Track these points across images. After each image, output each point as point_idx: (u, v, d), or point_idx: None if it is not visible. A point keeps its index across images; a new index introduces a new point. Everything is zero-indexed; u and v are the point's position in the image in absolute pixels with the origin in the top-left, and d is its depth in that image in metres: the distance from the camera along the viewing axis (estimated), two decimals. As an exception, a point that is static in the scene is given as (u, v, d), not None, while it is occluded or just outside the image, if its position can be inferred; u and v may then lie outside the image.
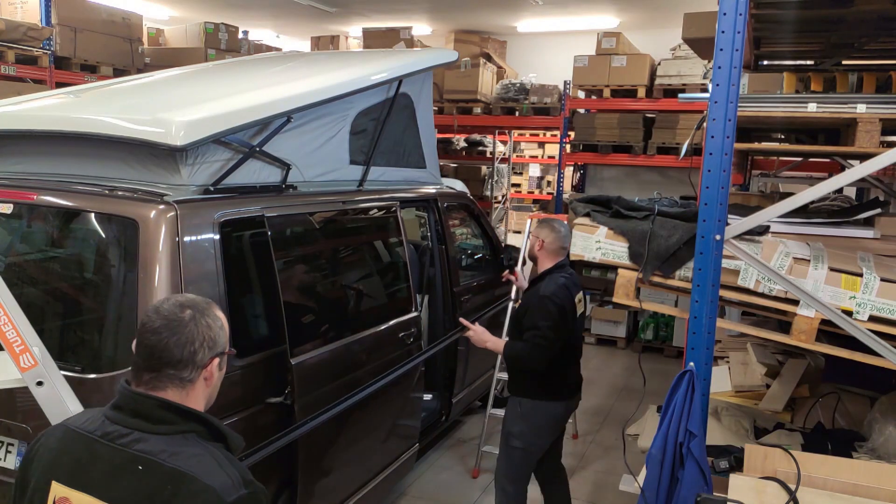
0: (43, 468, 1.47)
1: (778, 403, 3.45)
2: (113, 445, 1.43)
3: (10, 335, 2.10)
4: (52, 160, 3.12)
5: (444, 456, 4.83)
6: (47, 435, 1.54)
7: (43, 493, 1.45)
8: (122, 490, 1.39)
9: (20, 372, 2.12)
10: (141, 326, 1.51)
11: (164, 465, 1.39)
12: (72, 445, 1.47)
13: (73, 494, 1.42)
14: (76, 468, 1.44)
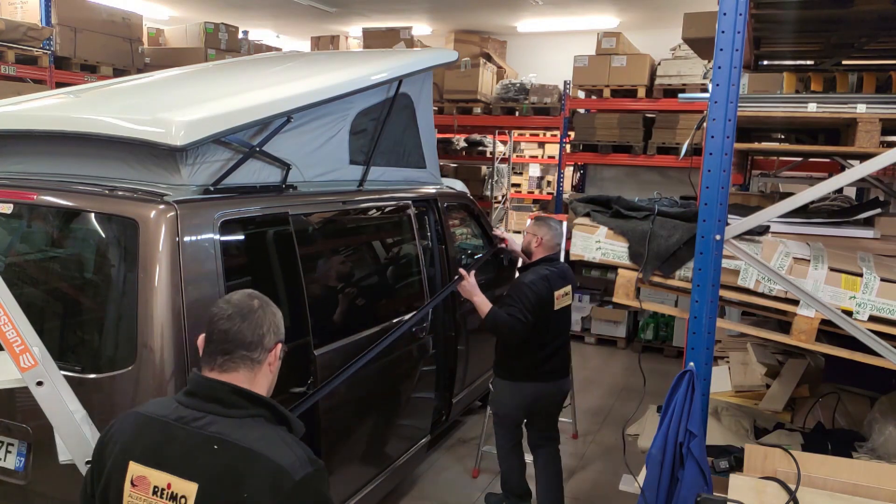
0: (119, 451, 1.59)
1: (778, 403, 3.45)
2: (188, 428, 1.55)
3: (10, 335, 2.10)
4: (52, 160, 3.11)
5: (444, 456, 4.83)
6: (121, 421, 1.66)
7: (121, 474, 1.57)
8: (198, 468, 1.51)
9: (20, 372, 2.12)
10: (212, 316, 1.65)
11: (238, 444, 1.51)
12: (147, 429, 1.60)
13: (151, 473, 1.54)
14: (153, 449, 1.56)
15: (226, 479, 1.49)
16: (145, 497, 1.55)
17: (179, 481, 1.52)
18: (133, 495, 1.56)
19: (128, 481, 1.56)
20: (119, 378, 2.48)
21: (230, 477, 1.49)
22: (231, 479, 1.49)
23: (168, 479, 1.53)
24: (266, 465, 1.48)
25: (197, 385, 1.62)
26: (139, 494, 1.55)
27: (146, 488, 1.54)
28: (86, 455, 2.20)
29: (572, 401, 5.29)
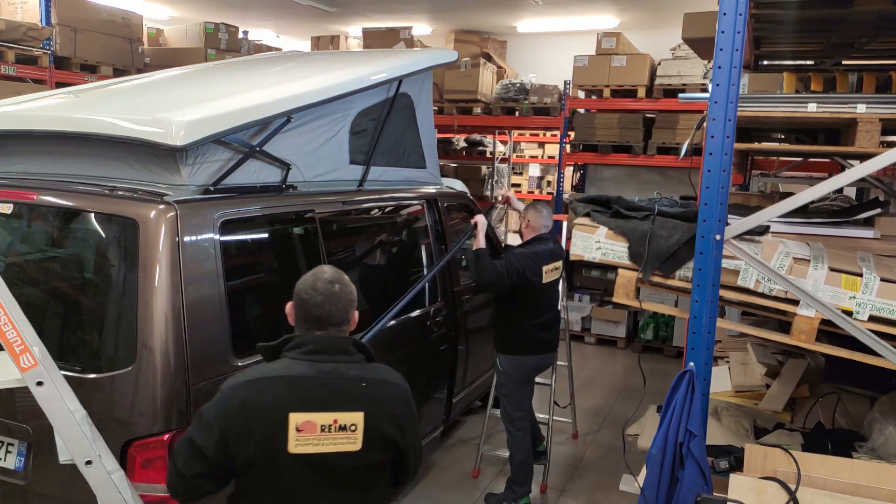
0: (272, 409, 1.87)
1: (778, 403, 3.45)
2: (332, 376, 1.94)
3: (10, 335, 2.10)
4: (52, 160, 3.11)
5: (444, 456, 4.83)
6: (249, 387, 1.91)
7: (283, 425, 1.86)
8: (357, 401, 1.93)
9: (20, 372, 2.12)
10: (303, 302, 1.99)
11: (375, 378, 2.00)
12: (294, 385, 1.91)
13: (314, 416, 1.89)
14: (309, 398, 1.90)
15: (378, 404, 1.96)
16: (313, 436, 1.88)
17: (344, 415, 1.91)
18: (300, 438, 1.87)
19: (292, 429, 1.86)
20: (119, 378, 2.48)
21: (380, 402, 1.97)
22: (381, 403, 1.97)
23: (333, 416, 1.90)
24: (394, 388, 2.04)
25: (322, 345, 1.98)
26: (306, 436, 1.88)
27: (313, 429, 1.88)
28: (86, 455, 2.20)
29: (572, 401, 5.29)
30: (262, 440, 1.88)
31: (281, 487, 1.91)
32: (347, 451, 1.92)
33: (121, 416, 2.50)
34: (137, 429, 2.49)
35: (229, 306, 2.74)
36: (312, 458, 1.90)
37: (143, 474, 2.48)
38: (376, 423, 1.95)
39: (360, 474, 1.97)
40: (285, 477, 1.90)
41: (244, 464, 1.90)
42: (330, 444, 1.90)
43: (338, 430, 1.91)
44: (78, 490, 2.61)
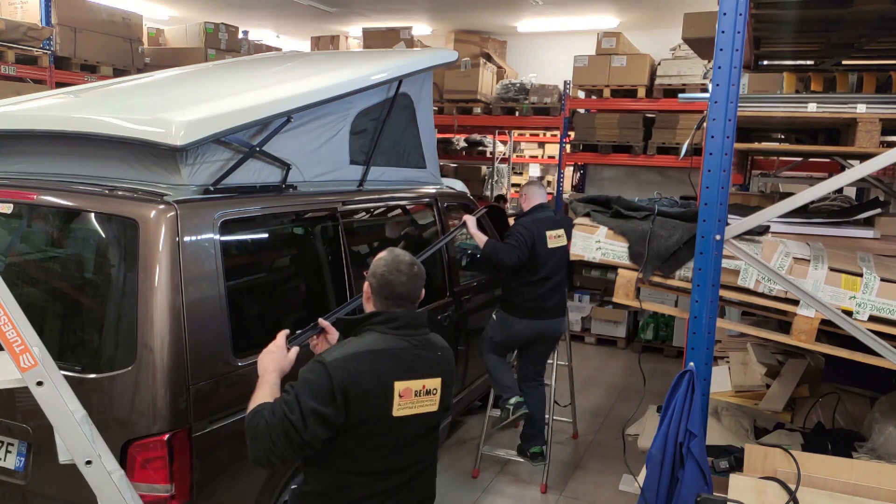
0: (382, 379, 2.08)
1: (778, 403, 3.45)
2: (421, 347, 2.20)
3: (10, 335, 2.10)
4: (52, 160, 3.11)
5: (444, 456, 4.83)
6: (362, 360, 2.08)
7: (390, 392, 2.09)
8: (436, 368, 2.21)
9: (20, 372, 2.11)
10: (388, 283, 2.20)
11: (444, 347, 2.31)
12: (396, 358, 2.14)
13: (411, 383, 2.14)
14: (408, 368, 2.14)
15: (449, 368, 2.27)
16: (411, 400, 2.14)
17: (429, 381, 2.18)
18: (402, 403, 2.11)
19: (396, 395, 2.10)
20: (119, 378, 2.48)
21: (450, 366, 2.28)
22: (450, 367, 2.29)
23: (422, 382, 2.17)
24: (451, 356, 2.33)
25: (413, 319, 2.22)
26: (406, 401, 2.12)
27: (410, 395, 2.14)
28: (86, 455, 2.20)
29: (572, 401, 5.29)
30: (375, 406, 2.08)
31: (381, 446, 2.13)
32: (430, 411, 2.20)
33: (120, 416, 2.50)
34: (137, 429, 2.48)
35: (229, 306, 2.74)
36: (408, 419, 2.14)
37: (143, 474, 2.48)
38: (447, 387, 2.26)
39: (435, 429, 2.29)
40: (390, 436, 2.14)
41: (354, 424, 2.08)
42: (420, 406, 2.17)
43: (425, 395, 2.18)
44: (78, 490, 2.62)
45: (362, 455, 2.12)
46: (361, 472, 2.13)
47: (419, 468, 2.24)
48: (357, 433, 2.08)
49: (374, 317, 2.20)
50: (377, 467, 2.14)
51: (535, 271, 4.27)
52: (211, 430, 2.66)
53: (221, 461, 2.73)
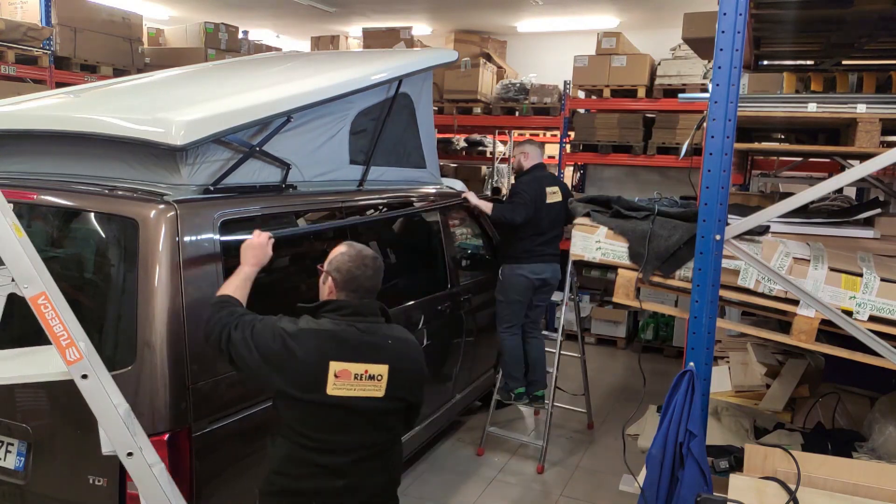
0: (316, 356, 2.21)
1: (778, 403, 3.45)
2: (367, 332, 2.30)
3: (57, 329, 2.18)
4: (52, 160, 3.11)
5: (443, 456, 4.84)
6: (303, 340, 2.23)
7: (324, 371, 2.20)
8: (384, 355, 2.28)
9: (66, 365, 2.20)
10: (354, 277, 2.35)
11: (398, 337, 2.38)
12: (336, 340, 2.25)
13: (350, 365, 2.23)
14: (347, 350, 2.24)
15: (401, 357, 2.33)
16: (350, 382, 2.23)
17: (373, 366, 2.25)
18: (337, 383, 2.21)
19: (332, 375, 2.20)
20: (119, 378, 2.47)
21: (402, 356, 2.34)
22: (402, 359, 2.34)
23: (364, 367, 2.24)
24: (412, 347, 2.42)
25: (364, 308, 2.34)
26: (344, 381, 2.22)
27: (349, 376, 2.22)
28: (127, 447, 2.27)
29: (586, 392, 5.36)
30: (308, 381, 2.21)
31: (322, 422, 2.25)
32: (373, 396, 2.27)
33: (121, 415, 2.50)
34: (137, 429, 2.49)
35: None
36: (345, 400, 2.23)
37: (143, 474, 2.48)
38: (397, 375, 2.30)
39: (382, 416, 2.32)
40: (332, 413, 2.24)
41: (286, 393, 2.23)
42: (360, 389, 2.25)
43: (367, 379, 2.25)
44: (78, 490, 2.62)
45: (308, 429, 2.25)
46: (309, 447, 2.25)
47: (370, 452, 2.31)
48: (296, 404, 2.23)
49: (326, 305, 2.35)
50: (323, 444, 2.26)
51: (536, 225, 4.66)
52: (211, 430, 2.66)
53: (222, 461, 2.74)
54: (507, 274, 4.76)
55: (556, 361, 4.84)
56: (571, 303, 5.03)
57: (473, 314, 4.86)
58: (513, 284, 4.74)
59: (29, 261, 2.18)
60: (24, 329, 2.65)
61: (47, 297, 2.18)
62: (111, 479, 2.56)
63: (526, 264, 4.70)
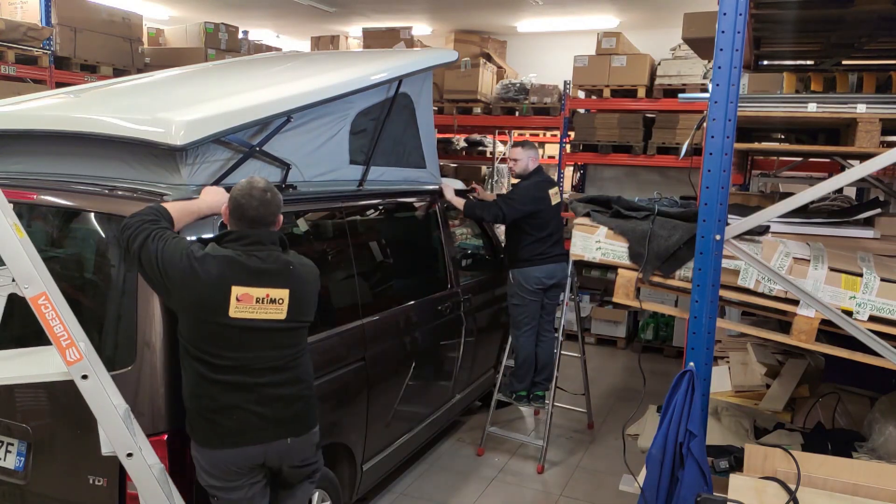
0: (218, 280, 2.37)
1: (778, 403, 3.45)
2: (267, 260, 2.46)
3: (57, 330, 2.20)
4: (52, 160, 3.11)
5: (443, 456, 4.84)
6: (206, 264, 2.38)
7: (227, 294, 2.37)
8: (285, 280, 2.47)
9: (66, 366, 2.21)
10: (240, 206, 2.47)
11: (299, 262, 2.57)
12: (236, 264, 2.40)
13: (252, 290, 2.40)
14: (248, 275, 2.40)
15: (301, 282, 2.52)
16: (251, 306, 2.40)
17: (275, 291, 2.44)
18: (239, 307, 2.38)
19: (233, 298, 2.37)
20: (119, 378, 2.47)
21: (302, 280, 2.53)
22: (303, 281, 2.54)
23: (265, 291, 2.42)
24: (310, 268, 2.62)
25: (261, 237, 2.48)
26: (246, 305, 2.39)
27: (250, 300, 2.39)
28: (127, 447, 2.28)
29: (587, 392, 5.36)
30: (212, 304, 2.37)
31: (226, 342, 2.40)
32: (275, 318, 2.45)
33: (121, 415, 2.50)
34: (137, 429, 2.49)
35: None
36: (248, 322, 2.40)
37: (143, 474, 2.48)
38: (298, 298, 2.50)
39: (285, 335, 2.51)
40: (238, 336, 2.40)
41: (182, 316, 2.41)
42: (262, 312, 2.42)
43: (269, 302, 2.43)
44: (77, 490, 2.62)
45: (212, 349, 2.40)
46: (215, 366, 2.40)
47: (276, 366, 2.48)
48: (201, 326, 2.39)
49: (227, 235, 2.50)
50: (229, 362, 2.41)
51: (544, 227, 4.73)
52: (211, 430, 2.65)
53: (221, 461, 2.73)
54: (520, 277, 4.77)
55: (557, 361, 4.85)
56: (571, 303, 5.03)
57: (473, 314, 4.86)
58: (526, 287, 4.75)
59: (29, 261, 2.18)
60: (24, 329, 2.65)
61: (48, 297, 2.19)
62: (111, 480, 2.56)
63: (539, 266, 4.73)
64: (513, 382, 4.94)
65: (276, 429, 2.50)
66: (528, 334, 4.84)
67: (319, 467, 2.75)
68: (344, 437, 3.41)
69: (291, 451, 2.56)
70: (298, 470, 2.64)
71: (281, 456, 2.54)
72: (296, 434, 2.55)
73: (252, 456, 2.48)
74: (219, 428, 2.44)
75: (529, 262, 4.73)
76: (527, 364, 4.89)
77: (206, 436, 2.45)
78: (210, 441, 2.45)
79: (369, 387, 3.57)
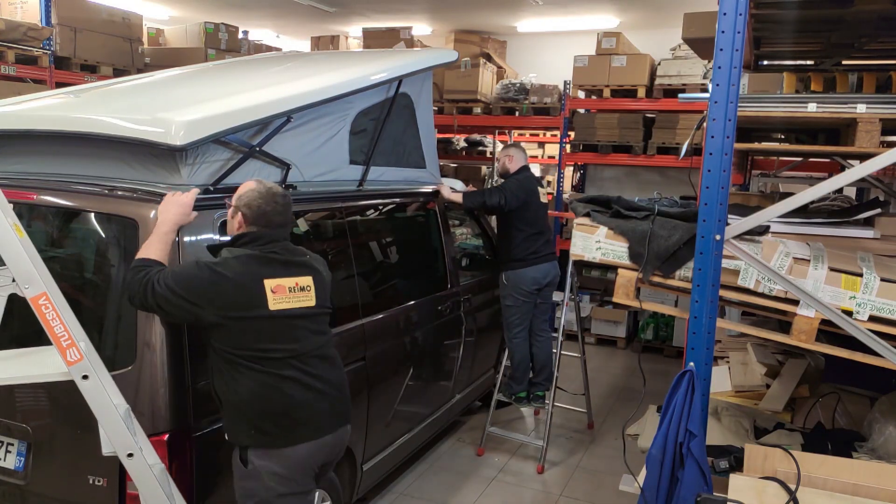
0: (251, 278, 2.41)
1: (778, 403, 3.45)
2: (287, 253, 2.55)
3: (57, 330, 2.20)
4: (52, 160, 3.11)
5: (443, 456, 4.84)
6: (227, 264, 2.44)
7: (261, 288, 2.41)
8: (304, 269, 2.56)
9: (67, 366, 2.21)
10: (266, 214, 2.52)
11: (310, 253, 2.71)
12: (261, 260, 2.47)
13: (282, 280, 2.47)
14: (276, 268, 2.47)
15: (317, 269, 2.62)
16: (286, 296, 2.46)
17: (301, 279, 2.53)
18: (276, 298, 2.43)
19: (269, 292, 2.42)
20: (119, 378, 2.47)
21: (318, 270, 2.62)
22: (319, 271, 2.63)
23: (294, 280, 2.50)
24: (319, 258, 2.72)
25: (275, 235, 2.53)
26: (281, 296, 2.44)
27: (284, 291, 2.46)
28: (128, 447, 2.28)
29: (586, 392, 5.35)
30: (248, 301, 2.39)
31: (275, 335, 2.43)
32: (307, 306, 2.52)
33: (121, 416, 2.50)
34: (137, 429, 2.48)
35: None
36: (288, 312, 2.45)
37: (143, 474, 2.48)
38: (319, 284, 2.58)
39: (319, 321, 2.59)
40: (277, 327, 2.44)
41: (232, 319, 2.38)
42: (297, 301, 2.48)
43: (300, 290, 2.50)
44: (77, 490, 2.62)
45: (267, 347, 2.41)
46: (277, 363, 2.42)
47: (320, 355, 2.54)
48: (247, 325, 2.39)
49: (242, 237, 2.52)
50: (285, 354, 2.44)
51: (535, 224, 4.77)
52: (211, 430, 2.66)
53: (222, 461, 2.73)
54: (514, 277, 4.76)
55: (556, 361, 4.85)
56: (571, 303, 5.02)
57: (473, 314, 4.86)
58: (520, 288, 4.74)
59: (30, 261, 2.18)
60: (25, 329, 2.65)
61: (48, 297, 2.19)
62: (111, 480, 2.56)
63: (532, 266, 4.72)
64: (511, 384, 4.96)
65: (339, 416, 2.58)
66: (521, 335, 4.84)
67: None
68: (344, 437, 3.41)
69: (345, 438, 2.63)
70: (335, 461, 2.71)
71: (342, 445, 2.62)
72: (349, 420, 2.63)
73: (328, 447, 2.54)
74: (295, 423, 2.45)
75: (523, 262, 4.72)
76: (523, 365, 4.89)
77: (283, 435, 2.44)
78: (288, 439, 2.44)
79: (369, 387, 3.57)
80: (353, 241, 3.69)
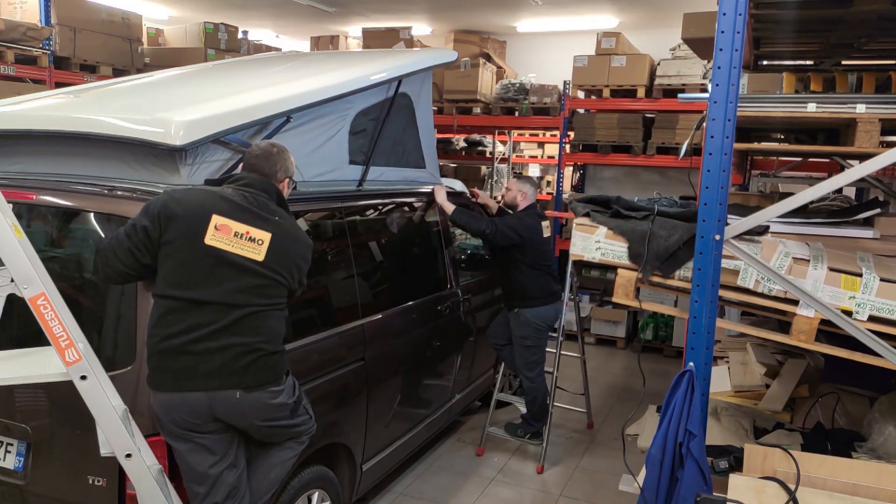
0: (200, 207, 2.45)
1: (778, 403, 3.45)
2: (255, 203, 2.55)
3: (56, 330, 2.20)
4: (52, 160, 3.11)
5: (443, 456, 4.84)
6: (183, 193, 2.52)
7: (206, 221, 2.43)
8: (269, 226, 2.52)
9: (65, 366, 2.22)
10: (244, 156, 2.74)
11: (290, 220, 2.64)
12: (221, 198, 2.50)
13: (232, 223, 2.45)
14: (232, 210, 2.47)
15: (286, 235, 2.56)
16: (229, 238, 2.44)
17: (256, 231, 2.48)
18: (216, 235, 2.42)
19: (212, 226, 2.42)
20: (118, 378, 2.47)
21: (288, 234, 2.57)
22: (289, 236, 2.58)
23: (246, 228, 2.46)
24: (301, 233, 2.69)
25: (253, 180, 2.61)
26: (223, 235, 2.43)
27: (228, 232, 2.44)
28: (126, 448, 2.28)
29: (586, 392, 5.36)
30: (189, 226, 2.42)
31: (194, 270, 2.42)
32: (251, 257, 2.47)
33: (120, 416, 2.50)
34: (137, 429, 2.48)
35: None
36: (221, 252, 2.43)
37: (143, 474, 2.48)
38: (280, 248, 2.52)
39: (258, 280, 2.49)
40: (200, 263, 2.42)
41: (169, 239, 2.42)
42: (238, 247, 2.45)
43: (248, 240, 2.47)
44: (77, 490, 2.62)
45: (181, 282, 2.41)
46: (182, 297, 2.41)
47: (241, 324, 2.44)
48: (173, 249, 2.42)
49: (229, 178, 2.67)
50: (194, 295, 2.41)
51: (545, 258, 4.68)
52: (210, 431, 2.65)
53: (221, 461, 2.73)
54: (532, 317, 4.61)
55: (556, 361, 4.85)
56: (571, 303, 5.01)
57: (473, 314, 4.86)
58: (542, 328, 4.66)
59: (28, 261, 2.18)
60: (24, 329, 2.65)
61: (47, 297, 2.19)
62: (110, 480, 2.56)
63: (552, 304, 4.66)
64: (529, 422, 4.83)
65: (222, 378, 2.41)
66: (542, 374, 4.75)
67: (303, 430, 2.68)
68: (343, 437, 3.41)
69: (243, 405, 2.45)
70: (267, 429, 2.56)
71: (231, 410, 2.44)
72: (245, 388, 2.43)
73: (196, 404, 2.40)
74: (165, 370, 2.41)
75: (542, 301, 4.61)
76: (545, 404, 4.78)
77: (153, 377, 2.43)
78: (157, 383, 2.43)
79: (369, 387, 3.57)
80: (353, 241, 3.69)
